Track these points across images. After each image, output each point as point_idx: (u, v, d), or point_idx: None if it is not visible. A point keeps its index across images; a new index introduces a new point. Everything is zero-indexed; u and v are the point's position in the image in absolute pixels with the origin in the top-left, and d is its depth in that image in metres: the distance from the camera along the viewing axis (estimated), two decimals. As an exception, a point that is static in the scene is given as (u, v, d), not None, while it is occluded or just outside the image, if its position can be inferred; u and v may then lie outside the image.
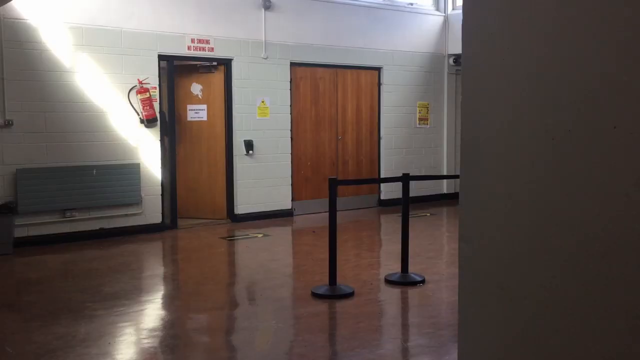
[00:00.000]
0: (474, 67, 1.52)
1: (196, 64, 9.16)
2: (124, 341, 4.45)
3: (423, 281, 5.88)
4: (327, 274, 5.56)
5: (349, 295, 5.42)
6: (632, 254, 1.11)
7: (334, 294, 5.42)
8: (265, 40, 9.43)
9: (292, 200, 9.97)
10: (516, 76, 1.36)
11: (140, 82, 8.28)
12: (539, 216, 1.32)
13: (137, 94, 8.28)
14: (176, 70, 8.94)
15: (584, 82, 1.20)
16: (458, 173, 1.64)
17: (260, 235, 8.39)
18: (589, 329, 1.20)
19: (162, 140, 8.55)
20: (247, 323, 4.88)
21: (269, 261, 6.92)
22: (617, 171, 1.13)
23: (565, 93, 1.24)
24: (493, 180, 1.47)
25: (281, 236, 8.76)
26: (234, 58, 9.17)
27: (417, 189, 10.36)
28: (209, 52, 8.95)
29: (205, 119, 9.28)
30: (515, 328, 1.37)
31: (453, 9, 11.58)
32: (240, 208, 9.35)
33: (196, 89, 9.05)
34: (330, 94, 10.39)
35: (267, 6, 9.36)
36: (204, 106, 9.21)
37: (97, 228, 8.08)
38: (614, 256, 1.15)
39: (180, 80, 9.18)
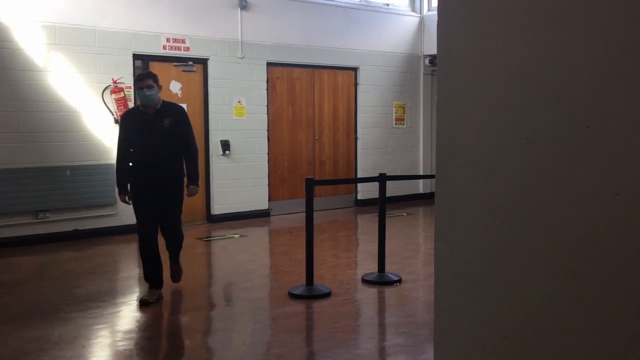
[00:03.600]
0: (449, 68, 1.53)
1: (175, 64, 9.08)
2: (98, 344, 4.40)
3: (400, 281, 5.91)
4: (304, 274, 5.56)
5: (326, 295, 5.42)
6: (608, 252, 1.13)
7: (311, 294, 5.42)
8: (241, 40, 9.39)
9: (269, 200, 9.94)
10: (491, 76, 1.37)
11: (115, 82, 8.19)
12: (514, 215, 1.33)
13: (111, 94, 8.19)
14: (153, 68, 8.84)
15: (557, 83, 1.21)
16: (434, 173, 1.64)
17: (237, 236, 8.36)
18: (566, 327, 1.22)
19: (137, 141, 8.46)
20: (224, 324, 4.86)
21: (246, 262, 6.89)
22: (590, 170, 1.15)
23: (539, 93, 1.25)
24: (468, 180, 1.48)
25: (258, 236, 8.73)
26: (210, 58, 9.12)
27: (393, 189, 10.41)
28: (185, 52, 8.89)
29: (188, 117, 9.19)
30: (491, 327, 1.38)
31: (429, 10, 11.66)
32: (217, 208, 9.31)
33: (175, 87, 8.97)
34: (307, 94, 10.39)
35: (243, 6, 9.33)
36: (184, 105, 9.13)
37: (71, 229, 7.98)
38: (590, 254, 1.16)
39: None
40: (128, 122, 5.39)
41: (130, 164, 5.34)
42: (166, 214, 5.45)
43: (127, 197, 5.34)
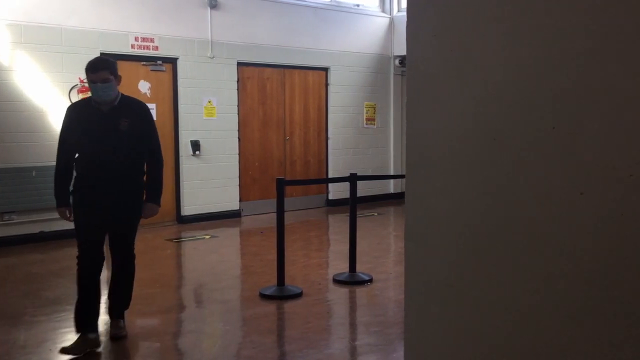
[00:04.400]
0: (418, 68, 1.54)
1: (143, 63, 8.97)
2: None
3: (371, 280, 5.93)
4: (276, 275, 5.54)
5: (298, 295, 5.42)
6: (573, 250, 1.15)
7: (282, 294, 5.41)
8: (211, 40, 9.33)
9: (239, 201, 9.89)
10: (459, 77, 1.38)
11: (82, 81, 8.05)
12: (483, 215, 1.34)
13: (78, 93, 8.05)
14: (121, 67, 8.71)
15: (525, 84, 1.23)
16: (404, 173, 1.65)
17: (207, 237, 8.30)
18: (532, 324, 1.24)
19: (105, 141, 8.32)
20: (195, 326, 4.82)
21: (216, 263, 6.85)
22: (556, 170, 1.17)
23: (507, 94, 1.27)
24: (438, 180, 1.49)
25: (229, 237, 8.68)
26: (180, 57, 9.04)
27: (364, 188, 10.45)
28: (154, 51, 8.79)
29: (154, 118, 9.08)
30: (460, 325, 1.39)
31: (398, 10, 11.73)
32: (187, 209, 9.22)
33: (144, 87, 8.85)
34: (278, 94, 10.36)
35: (213, 5, 9.26)
36: (153, 105, 9.03)
37: (37, 231, 7.82)
38: (555, 252, 1.18)
39: (126, 78, 8.95)
40: (75, 121, 4.16)
41: (75, 173, 4.23)
42: (117, 240, 4.31)
43: (68, 213, 4.23)
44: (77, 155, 4.19)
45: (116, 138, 4.09)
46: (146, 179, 4.30)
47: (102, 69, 4.03)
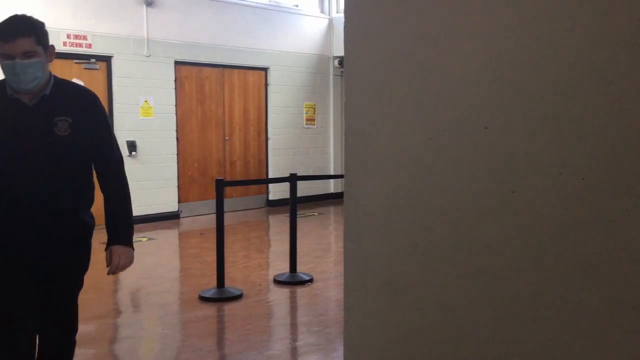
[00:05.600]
0: (356, 69, 1.55)
1: (76, 61, 8.69)
2: (-7, 357, 4.13)
3: (311, 280, 5.94)
4: (215, 277, 5.48)
5: (238, 297, 5.37)
6: (505, 247, 1.17)
7: (222, 296, 5.35)
8: (147, 38, 9.13)
9: (178, 202, 9.73)
10: (396, 77, 1.40)
11: None
12: (419, 214, 1.36)
13: None
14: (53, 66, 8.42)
15: (458, 84, 1.25)
16: (344, 173, 1.66)
17: (145, 239, 8.11)
18: (468, 321, 1.26)
19: (36, 141, 7.99)
20: (131, 331, 4.70)
21: (154, 266, 6.70)
22: (488, 169, 1.19)
23: (441, 94, 1.29)
24: (376, 180, 1.50)
25: (167, 239, 8.51)
26: (114, 55, 8.81)
27: (305, 188, 10.46)
28: (87, 49, 8.53)
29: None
30: (398, 323, 1.40)
31: (337, 12, 11.81)
32: (123, 211, 8.99)
33: (75, 86, 8.57)
34: (217, 94, 10.24)
35: (149, 2, 9.07)
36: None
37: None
38: (492, 250, 1.21)
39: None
40: None
41: None
42: (51, 315, 2.70)
43: None
44: None
45: (49, 147, 2.50)
46: (106, 209, 2.81)
47: (24, 34, 2.43)
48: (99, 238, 2.88)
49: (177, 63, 9.57)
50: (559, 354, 1.11)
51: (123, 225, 2.91)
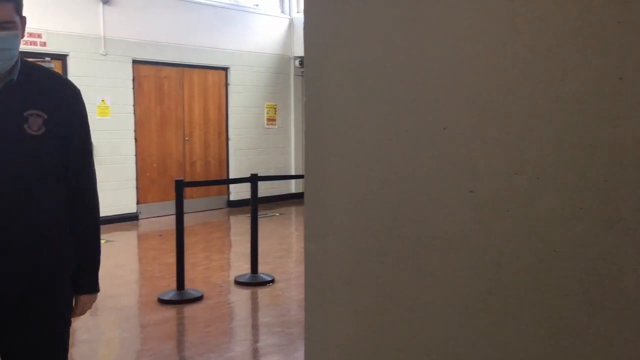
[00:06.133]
0: (315, 69, 1.55)
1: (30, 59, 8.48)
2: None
3: (273, 281, 5.93)
4: (175, 279, 5.41)
5: (198, 299, 5.31)
6: (467, 246, 1.19)
7: (182, 299, 5.28)
8: (104, 36, 8.96)
9: (137, 203, 9.58)
10: (356, 78, 1.40)
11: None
12: (380, 214, 1.36)
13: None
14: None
15: (418, 85, 1.26)
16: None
17: (103, 241, 7.95)
18: (429, 321, 1.27)
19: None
20: (88, 335, 4.60)
21: (112, 268, 6.58)
22: (447, 169, 1.21)
23: (401, 95, 1.30)
24: (336, 180, 1.50)
25: (126, 241, 8.37)
26: (70, 54, 8.62)
27: (266, 189, 10.43)
28: (41, 47, 8.32)
29: (38, 118, 8.61)
30: (359, 323, 1.41)
31: (298, 11, 11.81)
32: (80, 213, 8.81)
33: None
34: (177, 94, 10.12)
35: (106, 0, 8.90)
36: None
37: None
38: (452, 248, 1.22)
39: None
40: None
41: None
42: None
43: None
44: None
45: (17, 151, 1.88)
46: (78, 241, 2.10)
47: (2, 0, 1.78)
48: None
49: (135, 62, 9.42)
50: (514, 348, 1.13)
51: (91, 270, 2.17)
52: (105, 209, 9.07)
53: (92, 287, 2.20)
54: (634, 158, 0.95)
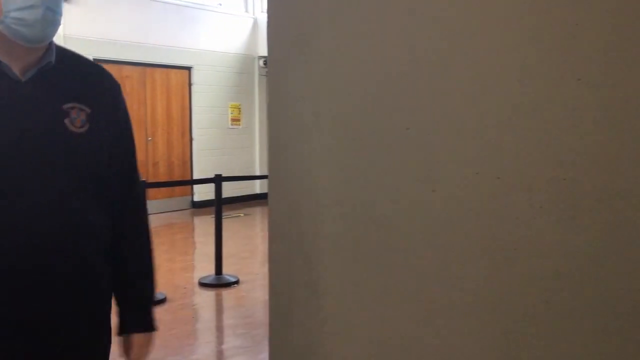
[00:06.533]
0: (279, 69, 1.54)
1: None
2: None
3: (237, 282, 5.89)
4: (138, 281, 5.33)
5: (161, 301, 5.24)
6: (430, 245, 1.20)
7: (145, 301, 5.21)
8: (64, 34, 8.77)
9: (98, 204, 9.41)
10: (317, 79, 1.40)
11: None
12: (343, 215, 1.36)
13: None
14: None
15: (380, 85, 1.26)
16: (268, 173, 1.64)
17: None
18: (392, 321, 1.27)
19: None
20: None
21: (73, 271, 6.45)
22: (410, 169, 1.21)
23: (364, 96, 1.30)
24: (298, 181, 1.50)
25: (87, 243, 8.22)
26: (29, 52, 8.42)
27: (231, 189, 10.34)
28: None
29: None
30: (323, 325, 1.41)
31: (262, 11, 11.76)
32: (39, 215, 8.61)
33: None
34: (139, 94, 9.98)
35: (66, -2, 8.73)
36: None
37: None
38: (415, 248, 1.22)
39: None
40: None
41: None
42: None
43: None
44: None
45: (59, 153, 1.49)
46: (121, 268, 1.69)
47: None
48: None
49: (95, 61, 9.22)
50: (476, 345, 1.14)
51: (147, 299, 1.76)
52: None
53: (150, 322, 1.76)
54: (592, 157, 0.97)
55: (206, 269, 6.29)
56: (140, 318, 1.73)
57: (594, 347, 0.99)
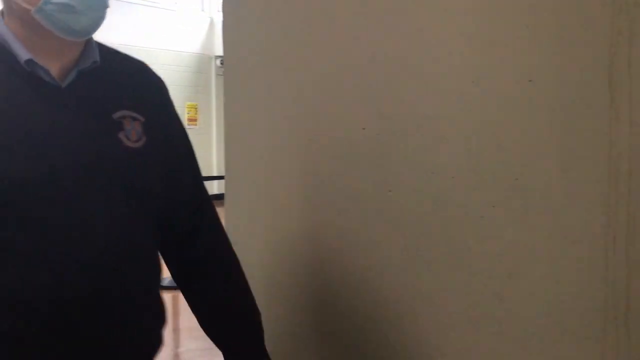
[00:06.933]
0: (234, 69, 1.53)
1: None
2: None
3: (195, 284, 5.83)
4: (92, 285, 5.22)
5: (117, 305, 5.15)
6: (388, 245, 1.20)
7: (99, 305, 5.10)
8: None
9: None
10: (272, 80, 1.39)
11: None
12: (299, 216, 1.36)
13: None
14: None
15: (336, 86, 1.26)
16: (225, 174, 1.63)
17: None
18: (350, 321, 1.28)
19: None
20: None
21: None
22: (367, 169, 1.22)
23: (320, 96, 1.30)
24: (256, 181, 1.49)
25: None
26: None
27: (187, 190, 10.21)
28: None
29: None
30: (277, 323, 1.40)
31: (218, 10, 11.66)
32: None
33: None
34: (92, 93, 9.78)
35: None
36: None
37: None
38: (372, 249, 1.23)
39: None
40: None
41: None
42: None
43: None
44: None
45: (115, 175, 1.13)
46: (219, 314, 1.37)
47: None
48: None
49: (47, 59, 9.02)
50: (423, 340, 1.16)
51: (259, 338, 1.30)
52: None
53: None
54: (543, 157, 0.99)
55: (163, 272, 6.20)
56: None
57: (548, 346, 1.01)
